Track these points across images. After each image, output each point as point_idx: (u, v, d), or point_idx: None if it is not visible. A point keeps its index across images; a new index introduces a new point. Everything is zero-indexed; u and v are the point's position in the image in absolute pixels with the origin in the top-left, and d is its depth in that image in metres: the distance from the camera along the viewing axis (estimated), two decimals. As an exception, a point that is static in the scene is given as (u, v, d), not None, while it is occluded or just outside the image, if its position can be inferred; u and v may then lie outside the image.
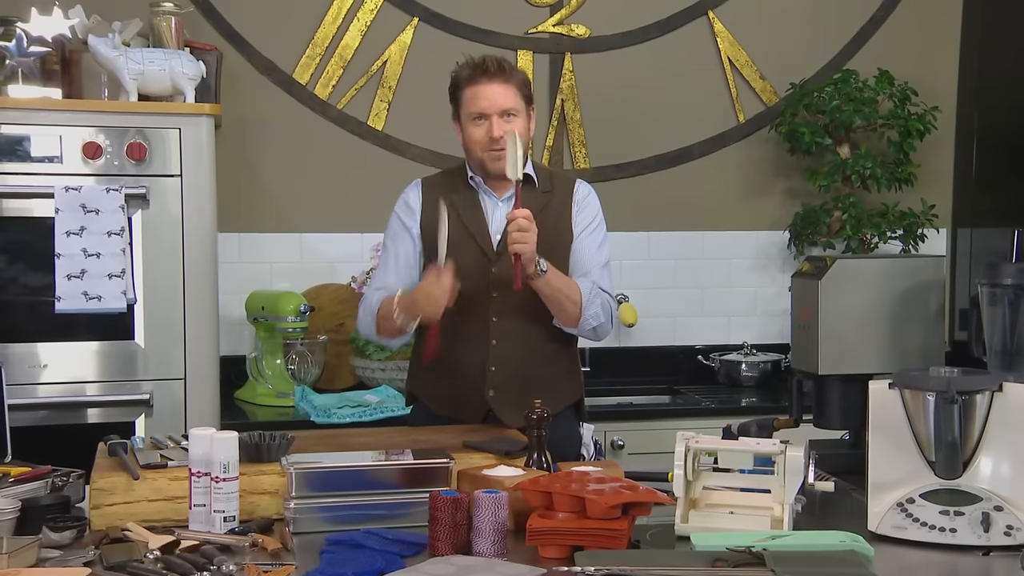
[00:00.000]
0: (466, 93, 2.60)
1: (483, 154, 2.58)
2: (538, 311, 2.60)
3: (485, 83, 2.57)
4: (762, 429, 2.45)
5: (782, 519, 1.97)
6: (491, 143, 2.56)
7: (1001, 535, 1.92)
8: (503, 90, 2.57)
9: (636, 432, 3.45)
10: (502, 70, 2.58)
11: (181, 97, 3.11)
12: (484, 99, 2.56)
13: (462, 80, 2.61)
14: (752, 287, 4.14)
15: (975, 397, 2.00)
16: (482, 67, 2.58)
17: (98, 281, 2.95)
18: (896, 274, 2.43)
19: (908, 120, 3.87)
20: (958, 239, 4.21)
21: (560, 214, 2.67)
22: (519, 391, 2.50)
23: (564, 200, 2.68)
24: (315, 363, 3.51)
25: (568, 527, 1.85)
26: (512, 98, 2.58)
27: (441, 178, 2.74)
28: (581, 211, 2.69)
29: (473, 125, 2.58)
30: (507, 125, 2.55)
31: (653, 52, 4.02)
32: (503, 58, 2.64)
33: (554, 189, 2.69)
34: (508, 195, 2.63)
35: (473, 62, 2.61)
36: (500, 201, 2.65)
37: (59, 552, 1.86)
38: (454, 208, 2.59)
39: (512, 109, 2.57)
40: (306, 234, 3.80)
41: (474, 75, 2.58)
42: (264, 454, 2.12)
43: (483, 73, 2.57)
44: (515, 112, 2.58)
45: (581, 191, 2.71)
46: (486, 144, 2.56)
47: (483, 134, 2.57)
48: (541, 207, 2.63)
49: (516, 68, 2.64)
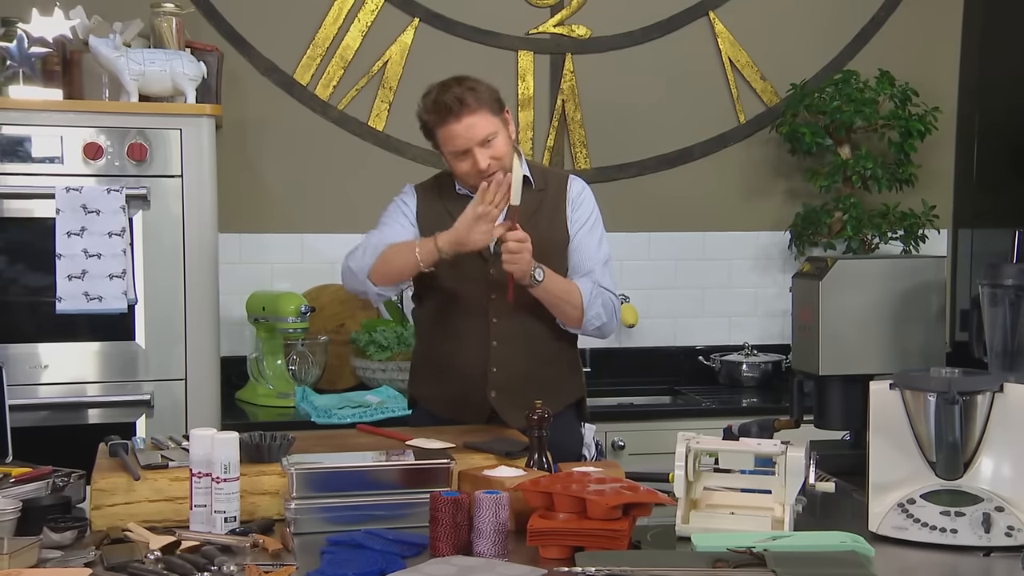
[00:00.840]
0: (440, 135, 2.55)
1: (477, 183, 2.51)
2: (538, 311, 2.60)
3: (454, 122, 2.51)
4: (763, 430, 2.45)
5: (783, 520, 1.97)
6: (481, 174, 2.52)
7: (1002, 536, 1.92)
8: (473, 121, 2.50)
9: (637, 433, 3.45)
10: (464, 104, 2.50)
11: (182, 98, 3.11)
12: (459, 137, 2.51)
13: (430, 124, 2.56)
14: (753, 288, 4.14)
15: (976, 398, 2.00)
16: (445, 109, 2.51)
17: (99, 282, 2.95)
18: (897, 275, 2.43)
19: (909, 121, 3.87)
20: (959, 240, 4.21)
21: (555, 211, 2.66)
22: (521, 392, 2.49)
23: (558, 197, 2.67)
24: (316, 364, 3.51)
25: (569, 528, 1.85)
26: (485, 123, 2.51)
27: (434, 183, 2.73)
28: (576, 208, 2.67)
29: (457, 160, 2.55)
30: (490, 151, 2.52)
31: (654, 53, 4.02)
32: (459, 92, 2.51)
33: (548, 187, 2.68)
34: None
35: (433, 106, 2.53)
36: None
37: (60, 553, 1.86)
38: (449, 214, 2.56)
39: (490, 134, 2.52)
40: (307, 235, 3.81)
41: (440, 119, 2.52)
42: (265, 455, 2.12)
43: (448, 114, 2.50)
44: (492, 135, 2.53)
45: (575, 187, 2.69)
46: (476, 176, 2.53)
47: (470, 167, 2.54)
48: (536, 205, 2.62)
49: (476, 89, 2.53)
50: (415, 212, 2.67)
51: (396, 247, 2.54)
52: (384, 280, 2.57)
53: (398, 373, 3.48)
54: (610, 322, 2.65)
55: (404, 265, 2.51)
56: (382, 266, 2.55)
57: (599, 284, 2.62)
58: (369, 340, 3.51)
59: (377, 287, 2.58)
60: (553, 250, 2.61)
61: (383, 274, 2.55)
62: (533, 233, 2.53)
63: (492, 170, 2.51)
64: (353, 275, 2.61)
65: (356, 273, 2.60)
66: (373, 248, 2.57)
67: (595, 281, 2.62)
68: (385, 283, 2.58)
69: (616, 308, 2.67)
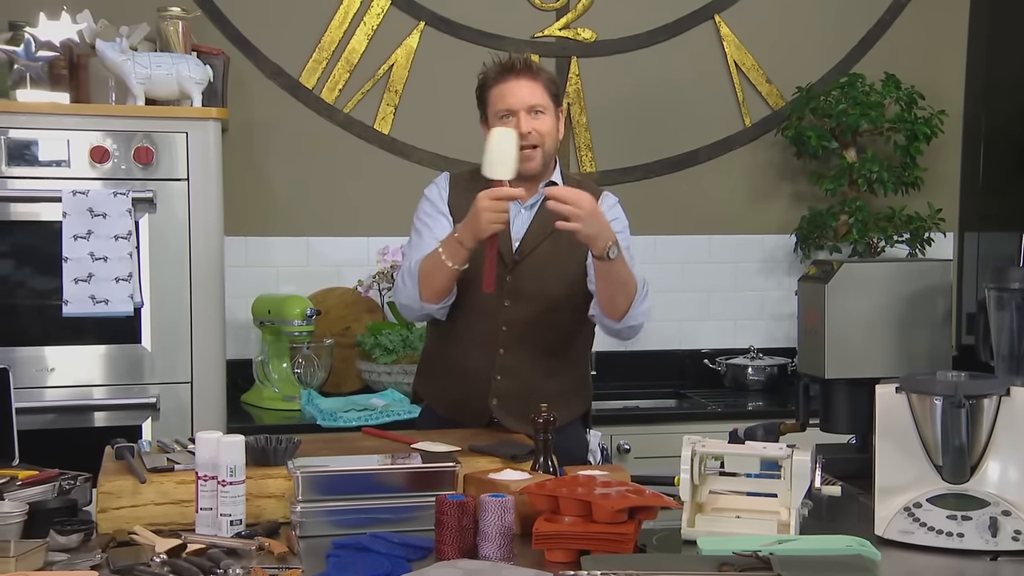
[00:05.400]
0: (493, 92, 2.56)
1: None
2: (552, 323, 2.58)
3: (512, 80, 2.54)
4: (769, 433, 2.45)
5: (789, 523, 1.97)
6: (521, 138, 2.49)
7: (1009, 540, 1.91)
8: (530, 86, 2.54)
9: (642, 436, 3.45)
10: (529, 67, 2.56)
11: (188, 101, 3.11)
12: (511, 95, 2.53)
13: (489, 80, 2.58)
14: (758, 291, 4.13)
15: (982, 401, 1.99)
16: (509, 65, 2.56)
17: (105, 285, 2.96)
18: (903, 278, 2.43)
19: (915, 124, 3.86)
20: (965, 243, 4.21)
21: None
22: (522, 402, 2.46)
23: None
24: (321, 366, 3.51)
25: (574, 531, 1.84)
26: (539, 95, 2.54)
27: (469, 176, 2.66)
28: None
29: (500, 123, 2.52)
30: (535, 122, 2.52)
31: (659, 56, 4.02)
32: (527, 60, 2.61)
33: None
34: (531, 202, 2.60)
35: (499, 62, 2.58)
36: (523, 208, 2.61)
37: (66, 555, 1.86)
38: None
39: (539, 105, 2.53)
40: (312, 238, 3.81)
41: (501, 73, 2.55)
42: (271, 458, 2.12)
43: (510, 71, 2.55)
44: (542, 109, 2.54)
45: (608, 202, 2.65)
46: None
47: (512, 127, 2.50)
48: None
49: (543, 68, 2.62)
50: (447, 200, 2.63)
51: (428, 262, 2.49)
52: (437, 296, 2.53)
53: (403, 376, 3.48)
54: (640, 326, 2.59)
55: (442, 276, 2.48)
56: (426, 287, 2.51)
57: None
58: (375, 343, 3.51)
59: (437, 304, 2.55)
60: (574, 260, 2.57)
61: (432, 292, 2.52)
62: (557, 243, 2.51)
63: (532, 141, 2.51)
64: (410, 309, 2.60)
65: (411, 306, 2.58)
66: (411, 274, 2.54)
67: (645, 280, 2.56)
68: (439, 298, 2.54)
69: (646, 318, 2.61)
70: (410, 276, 2.53)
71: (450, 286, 2.51)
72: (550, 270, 2.58)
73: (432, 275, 2.49)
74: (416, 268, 2.52)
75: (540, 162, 2.56)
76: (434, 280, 2.49)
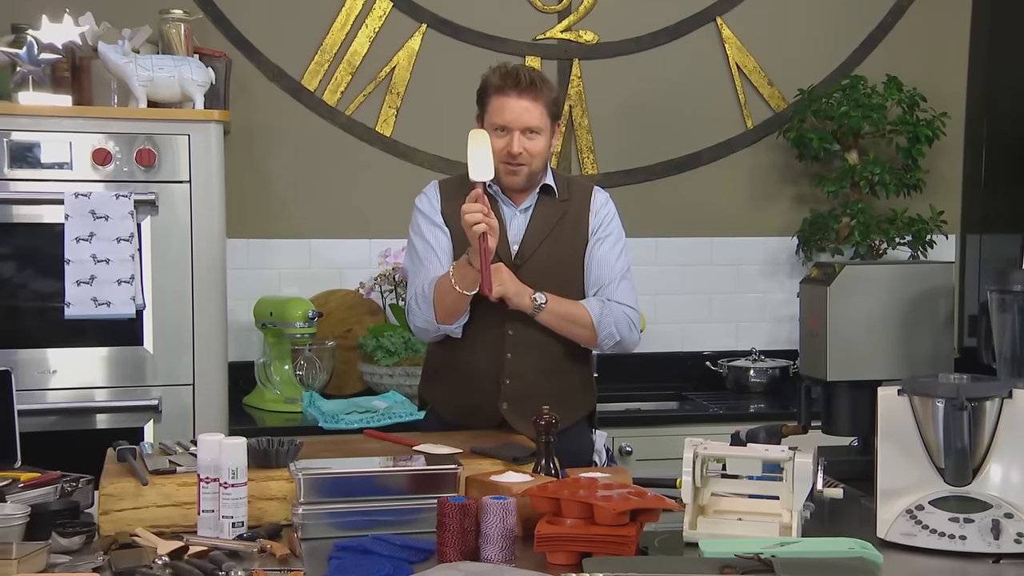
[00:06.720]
0: (493, 102, 2.54)
1: (500, 164, 2.52)
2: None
3: (514, 96, 2.51)
4: (771, 435, 2.44)
5: (791, 526, 1.96)
6: (509, 157, 2.52)
7: (1011, 542, 1.91)
8: (530, 107, 2.51)
9: (644, 438, 3.44)
10: (533, 86, 2.52)
11: (190, 104, 3.11)
12: (509, 112, 2.52)
13: (491, 87, 2.55)
14: (760, 293, 4.13)
15: (985, 404, 1.99)
16: (514, 78, 2.52)
17: (107, 287, 2.96)
18: (905, 280, 2.42)
19: (917, 126, 3.86)
20: (967, 245, 4.20)
21: (577, 222, 2.64)
22: (533, 404, 2.45)
23: (581, 208, 2.65)
24: (323, 369, 3.51)
25: (576, 533, 1.84)
26: (538, 116, 2.53)
27: (458, 182, 2.66)
28: (598, 219, 2.65)
29: (495, 135, 2.52)
30: (528, 143, 2.52)
31: (661, 58, 4.02)
32: (537, 73, 2.57)
33: (572, 197, 2.66)
34: (525, 205, 2.61)
35: (506, 70, 2.54)
36: (518, 211, 2.62)
37: (68, 558, 1.86)
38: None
39: (536, 128, 2.53)
40: (314, 240, 3.81)
41: (504, 85, 2.52)
42: (272, 460, 2.12)
43: (514, 85, 2.51)
44: (538, 131, 2.53)
45: (599, 199, 2.67)
46: (504, 156, 2.53)
47: (503, 146, 2.53)
48: (559, 216, 2.62)
49: (548, 84, 2.57)
50: (439, 210, 2.63)
51: (440, 288, 2.50)
52: (452, 317, 2.54)
53: (405, 378, 3.49)
54: (628, 338, 2.61)
55: (455, 301, 2.50)
56: (441, 309, 2.52)
57: (612, 299, 2.59)
58: (376, 345, 3.51)
59: (452, 324, 2.56)
60: (575, 261, 2.61)
61: (448, 313, 2.53)
62: (556, 243, 2.51)
63: (520, 161, 2.52)
64: (427, 332, 2.62)
65: (427, 328, 2.59)
66: (424, 298, 2.54)
67: (607, 297, 2.60)
68: (455, 319, 2.55)
69: (634, 322, 2.63)
70: (424, 300, 2.54)
71: (465, 306, 2.52)
72: (552, 271, 2.59)
73: (445, 300, 2.51)
74: (430, 292, 2.53)
75: (524, 178, 2.57)
76: (447, 303, 2.51)
